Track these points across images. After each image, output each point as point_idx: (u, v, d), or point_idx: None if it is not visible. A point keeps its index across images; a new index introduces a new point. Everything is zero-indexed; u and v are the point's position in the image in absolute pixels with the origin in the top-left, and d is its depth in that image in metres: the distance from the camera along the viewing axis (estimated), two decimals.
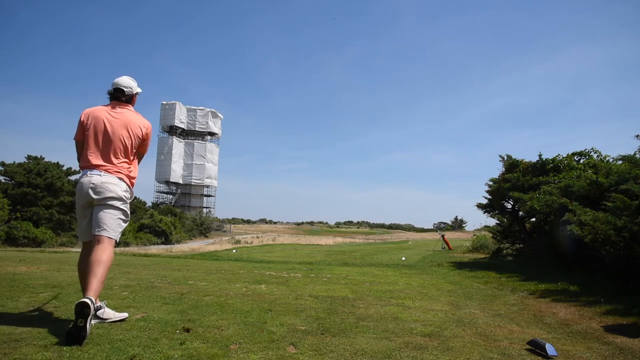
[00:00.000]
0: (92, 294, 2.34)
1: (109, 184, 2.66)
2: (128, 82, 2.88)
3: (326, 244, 32.59)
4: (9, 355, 1.98)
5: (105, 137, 2.71)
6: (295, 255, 15.10)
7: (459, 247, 17.35)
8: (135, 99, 2.96)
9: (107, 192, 2.64)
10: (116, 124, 2.74)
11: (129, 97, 2.89)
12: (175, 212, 46.33)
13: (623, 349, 2.70)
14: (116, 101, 2.85)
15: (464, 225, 76.20)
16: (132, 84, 2.90)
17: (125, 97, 2.86)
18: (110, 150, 2.72)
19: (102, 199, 2.65)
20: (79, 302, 2.22)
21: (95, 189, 2.64)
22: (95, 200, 2.66)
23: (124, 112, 2.82)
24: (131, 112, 2.86)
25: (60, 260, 6.93)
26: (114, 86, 2.85)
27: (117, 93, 2.84)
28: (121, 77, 2.88)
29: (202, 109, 65.49)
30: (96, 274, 2.44)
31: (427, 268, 8.27)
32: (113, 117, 2.76)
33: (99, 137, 2.72)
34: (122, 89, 2.84)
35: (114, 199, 2.67)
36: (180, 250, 25.16)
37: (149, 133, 2.90)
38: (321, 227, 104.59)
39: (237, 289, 4.29)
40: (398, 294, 4.44)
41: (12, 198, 26.40)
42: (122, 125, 2.75)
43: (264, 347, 2.32)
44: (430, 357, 2.29)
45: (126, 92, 2.85)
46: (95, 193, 2.64)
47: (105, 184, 2.65)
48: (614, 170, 6.42)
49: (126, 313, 2.83)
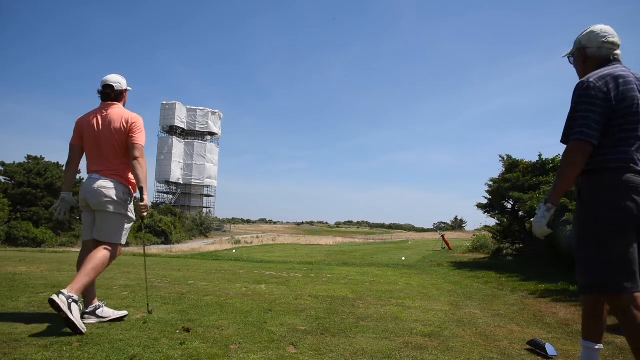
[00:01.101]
0: (69, 288, 2.38)
1: (103, 188, 2.67)
2: (116, 78, 2.88)
3: (326, 244, 32.59)
4: (9, 355, 1.98)
5: (97, 141, 2.74)
6: (295, 255, 15.10)
7: (459, 247, 17.35)
8: (125, 95, 2.95)
9: (102, 197, 2.66)
10: (103, 127, 2.75)
11: (119, 94, 2.87)
12: (175, 212, 46.32)
13: (623, 349, 2.69)
14: (106, 101, 2.84)
15: (464, 225, 76.19)
16: (121, 80, 2.90)
17: (115, 93, 2.85)
18: (103, 154, 2.74)
19: (98, 204, 2.68)
20: (49, 299, 2.32)
21: (91, 193, 2.67)
22: (92, 205, 2.70)
23: (109, 112, 2.79)
24: (116, 110, 2.81)
25: (60, 260, 6.93)
26: (102, 83, 2.85)
27: (107, 89, 2.83)
28: (110, 75, 2.89)
29: (202, 109, 65.49)
30: (84, 269, 2.49)
31: (427, 268, 8.27)
32: (100, 120, 2.77)
33: (92, 143, 2.76)
34: (111, 85, 2.83)
35: (109, 204, 2.67)
36: (180, 250, 25.16)
37: (135, 123, 2.77)
38: (321, 227, 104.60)
39: (237, 289, 4.29)
40: (398, 294, 4.44)
41: (12, 198, 26.41)
42: (107, 127, 2.75)
43: (264, 347, 2.32)
44: (430, 357, 2.29)
45: (115, 88, 2.85)
46: (91, 198, 2.68)
47: (100, 189, 2.66)
48: None
49: (125, 311, 2.83)
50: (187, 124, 64.12)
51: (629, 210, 1.71)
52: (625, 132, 1.77)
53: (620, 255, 1.72)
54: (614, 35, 1.93)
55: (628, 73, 1.84)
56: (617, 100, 1.76)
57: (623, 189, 1.73)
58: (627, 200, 1.71)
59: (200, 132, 65.39)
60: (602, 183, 1.78)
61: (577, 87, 1.84)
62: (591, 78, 1.81)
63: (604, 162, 1.78)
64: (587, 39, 1.97)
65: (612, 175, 1.76)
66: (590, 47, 1.95)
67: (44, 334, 2.34)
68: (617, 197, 1.73)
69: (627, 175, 1.74)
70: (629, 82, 1.79)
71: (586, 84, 1.80)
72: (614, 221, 1.73)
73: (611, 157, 1.77)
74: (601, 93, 1.76)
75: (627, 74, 1.82)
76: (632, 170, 1.74)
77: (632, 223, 1.72)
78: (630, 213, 1.71)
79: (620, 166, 1.75)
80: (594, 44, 1.94)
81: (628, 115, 1.77)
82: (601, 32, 1.93)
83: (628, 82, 1.79)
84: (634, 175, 1.74)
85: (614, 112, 1.76)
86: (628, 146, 1.76)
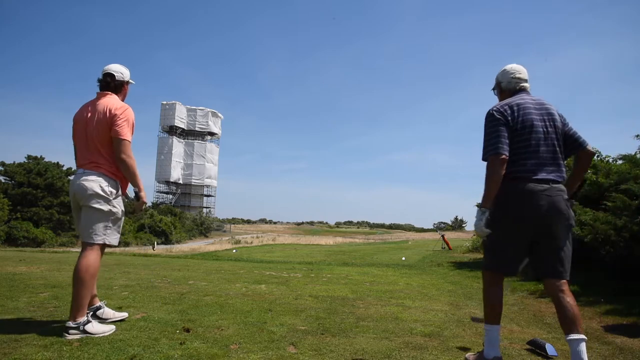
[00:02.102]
0: (72, 318, 2.37)
1: (86, 181, 2.49)
2: (119, 67, 2.72)
3: (326, 244, 32.60)
4: (9, 355, 1.98)
5: (85, 134, 2.56)
6: (295, 255, 15.10)
7: (459, 247, 17.34)
8: (126, 88, 2.77)
9: (86, 190, 2.48)
10: (90, 118, 2.56)
11: (119, 84, 2.70)
12: (175, 212, 46.34)
13: (623, 349, 2.70)
14: (103, 90, 2.66)
15: (464, 225, 76.22)
16: (124, 70, 2.73)
17: (115, 82, 2.67)
18: (90, 147, 2.55)
19: (83, 199, 2.51)
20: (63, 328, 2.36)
21: (75, 188, 2.52)
22: (79, 200, 2.54)
23: (99, 103, 2.58)
24: (106, 101, 2.59)
25: (60, 260, 6.92)
26: (104, 71, 2.69)
27: (107, 77, 2.66)
28: (112, 64, 2.72)
29: (202, 109, 65.52)
30: (76, 290, 2.41)
31: (427, 268, 8.27)
32: (90, 111, 2.58)
33: (81, 135, 2.59)
34: (112, 73, 2.67)
35: (92, 197, 2.48)
36: (180, 250, 25.17)
37: (117, 114, 2.52)
38: (321, 227, 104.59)
39: (237, 289, 4.29)
40: (398, 294, 4.44)
41: (12, 198, 26.41)
42: (93, 118, 2.55)
43: (264, 347, 2.32)
44: (430, 357, 2.29)
45: (117, 77, 2.68)
46: (76, 192, 2.52)
47: (83, 182, 2.49)
48: (614, 170, 6.41)
49: (126, 313, 2.82)
50: (187, 124, 64.15)
51: (529, 216, 2.12)
52: (525, 148, 2.17)
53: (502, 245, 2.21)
54: (520, 72, 2.38)
55: (526, 100, 2.27)
56: (514, 122, 2.19)
57: (527, 195, 2.12)
58: (528, 205, 2.12)
59: (200, 132, 65.41)
60: (510, 190, 2.16)
61: (485, 116, 2.27)
62: (494, 107, 2.26)
63: (510, 174, 2.16)
64: (501, 75, 2.44)
65: (518, 184, 2.15)
66: (503, 81, 2.42)
67: (44, 334, 2.34)
68: (520, 201, 2.14)
69: (529, 184, 2.13)
70: (526, 107, 2.23)
71: (491, 112, 2.25)
72: (514, 222, 2.16)
73: (515, 169, 2.16)
74: (502, 118, 2.20)
75: (524, 102, 2.26)
76: (532, 180, 2.14)
77: (529, 223, 2.13)
78: (530, 217, 2.12)
79: (524, 176, 2.15)
80: (505, 79, 2.41)
81: (526, 134, 2.18)
82: (510, 70, 2.40)
83: (525, 107, 2.23)
84: (534, 184, 2.13)
85: (515, 132, 2.19)
86: (529, 159, 2.17)
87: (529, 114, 2.21)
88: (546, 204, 2.11)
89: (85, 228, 2.51)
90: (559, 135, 2.24)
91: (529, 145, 2.17)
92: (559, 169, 2.20)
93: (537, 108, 2.25)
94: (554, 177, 2.17)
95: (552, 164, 2.18)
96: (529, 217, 2.13)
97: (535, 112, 2.23)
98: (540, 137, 2.19)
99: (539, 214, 2.11)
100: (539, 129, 2.20)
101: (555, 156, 2.20)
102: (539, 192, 2.12)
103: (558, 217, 2.13)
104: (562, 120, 2.29)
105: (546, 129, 2.21)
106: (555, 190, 2.14)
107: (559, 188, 2.16)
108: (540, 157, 2.18)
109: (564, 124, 2.29)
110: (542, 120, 2.22)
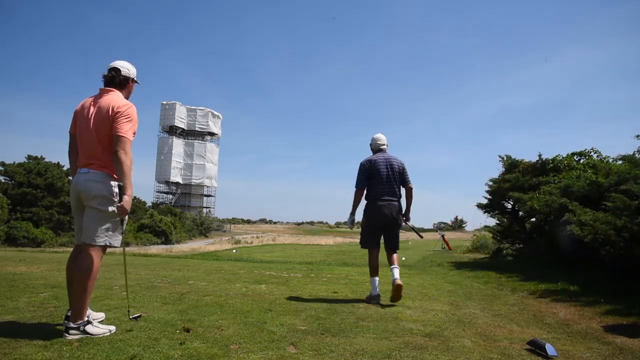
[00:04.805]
0: (72, 320, 2.36)
1: (92, 181, 2.45)
2: (126, 64, 2.68)
3: (326, 244, 32.58)
4: (9, 355, 1.98)
5: (88, 131, 2.50)
6: (295, 255, 15.09)
7: (459, 247, 17.35)
8: (131, 85, 2.72)
9: (91, 190, 2.43)
10: (93, 115, 2.50)
11: (124, 80, 2.64)
12: (175, 212, 46.31)
13: (623, 349, 2.69)
14: (107, 86, 2.61)
15: (464, 225, 76.32)
16: (131, 67, 2.68)
17: (120, 78, 2.62)
18: (93, 145, 2.49)
19: (87, 199, 2.46)
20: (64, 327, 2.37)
21: (81, 187, 2.47)
22: (84, 200, 2.49)
23: (102, 99, 2.52)
24: (110, 97, 2.53)
25: (60, 260, 6.92)
26: (109, 66, 2.64)
27: (112, 72, 2.61)
28: (119, 60, 2.68)
29: (202, 109, 65.49)
30: (73, 290, 2.40)
31: (427, 268, 8.26)
32: (92, 107, 2.52)
33: (83, 133, 2.53)
34: (118, 68, 2.62)
35: (97, 198, 2.44)
36: (180, 250, 25.15)
37: (120, 112, 2.46)
38: (321, 227, 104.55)
39: (237, 289, 4.29)
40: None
41: (12, 198, 26.40)
42: (96, 115, 2.49)
43: (264, 347, 2.32)
44: (430, 357, 2.29)
45: (122, 72, 2.63)
46: (82, 192, 2.47)
47: (89, 182, 2.45)
48: (614, 170, 6.41)
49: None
50: (187, 124, 64.10)
51: (378, 218, 3.97)
52: (376, 184, 3.98)
53: (368, 235, 4.06)
54: (380, 140, 4.21)
55: (379, 157, 4.06)
56: (370, 169, 4.00)
57: (376, 208, 3.95)
58: (377, 213, 3.95)
59: (200, 132, 65.37)
60: (368, 206, 4.02)
61: (359, 164, 4.09)
62: (363, 160, 4.09)
63: (368, 197, 4.02)
64: (371, 141, 4.26)
65: (372, 202, 3.99)
66: (372, 144, 4.25)
67: (44, 334, 2.34)
68: (373, 211, 3.98)
69: (377, 202, 3.95)
70: (377, 161, 4.02)
71: (361, 163, 4.08)
72: (371, 222, 4.02)
73: (371, 194, 4.00)
74: (364, 166, 4.04)
75: (377, 158, 4.05)
76: (379, 199, 3.95)
77: (379, 223, 3.99)
78: (379, 219, 3.97)
79: (375, 197, 3.97)
80: (373, 144, 4.24)
81: (376, 176, 3.98)
82: (376, 138, 4.23)
83: (377, 161, 4.02)
84: (381, 202, 3.94)
85: (370, 175, 3.99)
86: (378, 189, 3.97)
87: (378, 165, 3.99)
88: (388, 212, 3.93)
89: (87, 229, 2.45)
90: (397, 175, 4.00)
91: (379, 182, 3.96)
92: (395, 194, 3.99)
93: (383, 161, 4.00)
94: (391, 198, 3.96)
95: (389, 192, 3.96)
96: (379, 218, 3.95)
97: (382, 164, 3.99)
98: (384, 177, 3.96)
99: (384, 217, 3.93)
100: (383, 173, 3.97)
101: (392, 187, 3.97)
102: (383, 206, 3.92)
103: (393, 220, 3.96)
104: (399, 168, 4.02)
105: (387, 173, 3.97)
106: (392, 205, 3.95)
107: (394, 204, 3.97)
108: (384, 187, 3.95)
109: (401, 170, 4.04)
110: (386, 168, 3.98)
